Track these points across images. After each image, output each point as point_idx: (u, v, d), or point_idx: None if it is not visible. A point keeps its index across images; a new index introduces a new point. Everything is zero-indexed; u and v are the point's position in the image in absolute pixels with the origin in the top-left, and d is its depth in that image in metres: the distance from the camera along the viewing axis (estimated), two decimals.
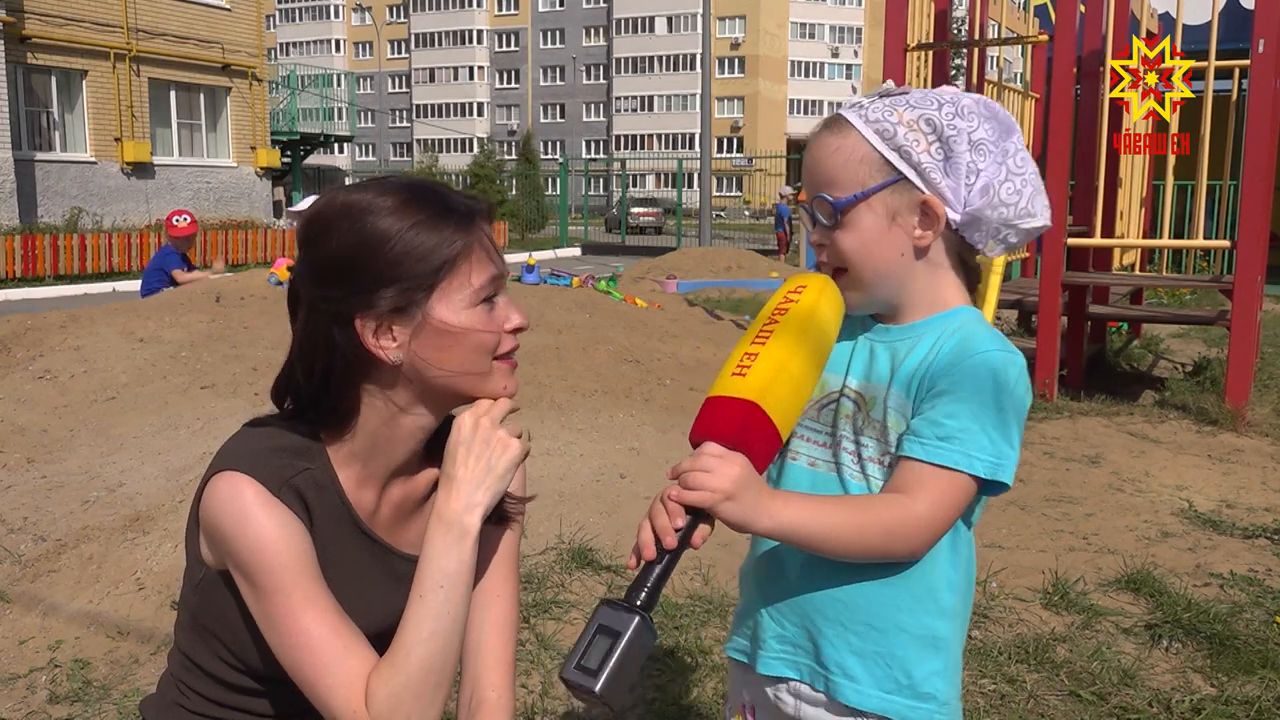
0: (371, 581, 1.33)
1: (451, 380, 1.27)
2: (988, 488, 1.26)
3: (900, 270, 1.30)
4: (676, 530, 1.17)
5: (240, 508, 1.20)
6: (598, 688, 1.10)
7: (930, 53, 6.98)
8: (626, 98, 76.75)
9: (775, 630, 1.36)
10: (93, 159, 21.28)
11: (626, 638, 1.12)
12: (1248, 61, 5.82)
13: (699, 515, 1.18)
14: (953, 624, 1.32)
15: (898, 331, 1.34)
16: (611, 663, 1.11)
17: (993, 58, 11.23)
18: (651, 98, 75.83)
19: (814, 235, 1.34)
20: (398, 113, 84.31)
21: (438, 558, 1.22)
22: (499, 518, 1.40)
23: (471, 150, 50.19)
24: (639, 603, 1.15)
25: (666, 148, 71.66)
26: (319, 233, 1.25)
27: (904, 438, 1.26)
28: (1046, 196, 1.34)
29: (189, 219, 8.03)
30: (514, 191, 34.02)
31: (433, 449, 1.35)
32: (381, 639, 1.24)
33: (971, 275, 1.36)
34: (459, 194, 1.29)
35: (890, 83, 1.35)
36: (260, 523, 1.20)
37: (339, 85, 33.33)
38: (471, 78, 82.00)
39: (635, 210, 37.22)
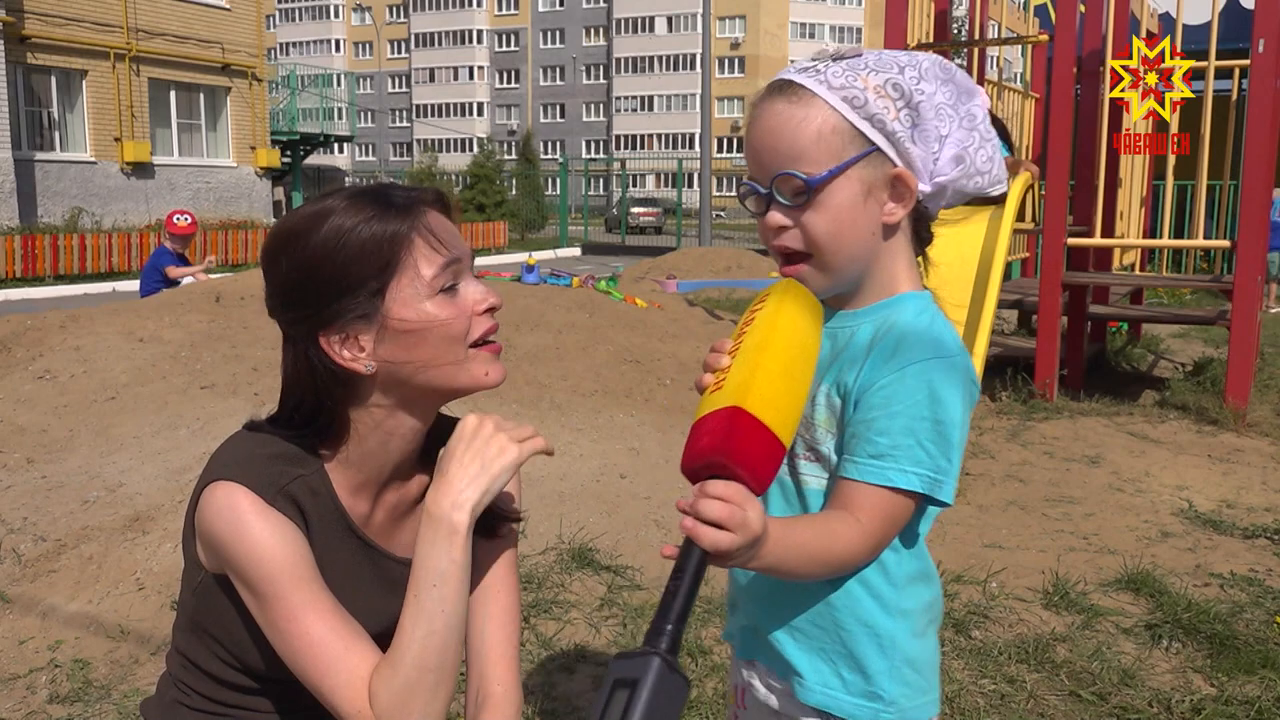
0: (366, 585, 1.33)
1: (428, 376, 1.25)
2: (932, 499, 1.19)
3: (869, 251, 1.22)
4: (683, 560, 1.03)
5: (236, 516, 1.21)
6: None
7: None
8: (626, 98, 76.73)
9: (741, 621, 1.39)
10: (93, 159, 21.27)
11: (649, 684, 0.91)
12: (1248, 61, 5.82)
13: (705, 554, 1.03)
14: (898, 624, 1.26)
15: (840, 317, 1.27)
16: (636, 716, 0.90)
17: (993, 58, 11.23)
18: (651, 98, 75.82)
19: (772, 218, 1.21)
20: (398, 113, 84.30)
21: (428, 556, 1.21)
22: (495, 536, 1.40)
23: (471, 150, 50.15)
24: (661, 645, 0.95)
25: (666, 148, 71.69)
26: (269, 263, 1.26)
27: (841, 457, 1.21)
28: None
29: (189, 218, 8.06)
30: (514, 191, 34.03)
31: (429, 452, 1.35)
32: (379, 642, 1.25)
33: (924, 246, 1.29)
34: (401, 189, 1.27)
35: (839, 45, 1.27)
36: (257, 530, 1.21)
37: (339, 85, 33.37)
38: (471, 78, 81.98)
39: (635, 210, 37.20)
